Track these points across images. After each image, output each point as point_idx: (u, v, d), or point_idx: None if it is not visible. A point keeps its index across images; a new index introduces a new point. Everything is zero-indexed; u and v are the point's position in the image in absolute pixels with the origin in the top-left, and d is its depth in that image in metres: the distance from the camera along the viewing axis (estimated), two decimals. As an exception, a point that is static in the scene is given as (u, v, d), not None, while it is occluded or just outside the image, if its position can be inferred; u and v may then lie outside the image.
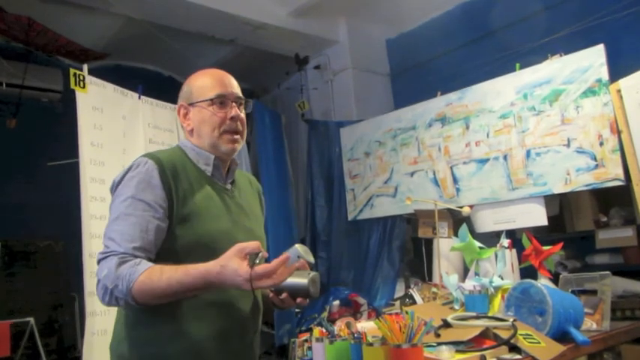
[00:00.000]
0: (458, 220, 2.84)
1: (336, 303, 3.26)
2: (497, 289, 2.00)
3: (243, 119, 1.44)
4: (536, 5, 3.45)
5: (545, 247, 2.27)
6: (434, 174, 3.23)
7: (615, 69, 2.50)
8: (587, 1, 3.20)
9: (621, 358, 2.39)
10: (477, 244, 2.44)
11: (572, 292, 2.03)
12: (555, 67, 2.69)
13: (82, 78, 2.58)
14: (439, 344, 1.48)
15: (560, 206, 3.07)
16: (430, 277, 3.07)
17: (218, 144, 1.41)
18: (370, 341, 1.36)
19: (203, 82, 1.43)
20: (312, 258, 1.23)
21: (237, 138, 1.43)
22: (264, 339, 1.56)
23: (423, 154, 3.30)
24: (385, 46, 4.59)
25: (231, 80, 1.46)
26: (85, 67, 2.64)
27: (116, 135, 2.75)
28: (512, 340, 1.52)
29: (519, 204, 2.81)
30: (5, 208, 3.81)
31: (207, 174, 1.42)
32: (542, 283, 1.92)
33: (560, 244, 2.27)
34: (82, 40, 4.04)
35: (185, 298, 1.23)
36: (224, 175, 1.46)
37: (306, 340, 1.71)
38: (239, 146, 1.45)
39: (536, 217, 2.75)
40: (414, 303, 2.65)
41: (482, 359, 1.45)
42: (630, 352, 2.38)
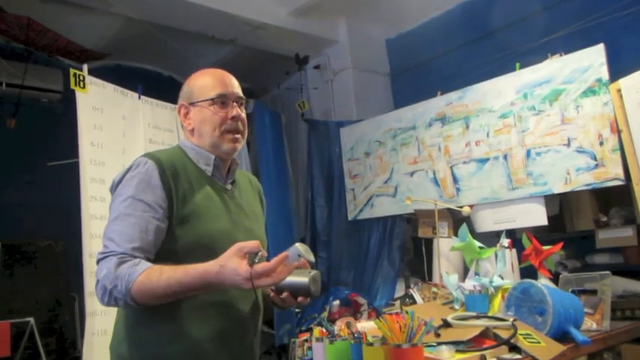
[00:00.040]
0: (458, 220, 2.84)
1: (336, 303, 3.26)
2: (497, 288, 2.01)
3: (244, 119, 1.44)
4: (536, 5, 3.45)
5: (545, 247, 2.27)
6: (434, 174, 3.23)
7: (615, 69, 2.50)
8: (587, 1, 3.19)
9: (621, 357, 2.39)
10: (477, 243, 2.44)
11: (572, 292, 2.03)
12: (555, 67, 2.69)
13: (82, 78, 2.58)
14: (439, 344, 1.48)
15: (560, 206, 3.07)
16: (430, 277, 3.07)
17: (219, 143, 1.40)
18: (370, 341, 1.36)
19: (204, 82, 1.43)
20: (312, 257, 1.23)
21: (238, 137, 1.43)
22: (264, 339, 1.57)
23: (423, 153, 3.30)
24: (385, 46, 4.59)
25: (232, 80, 1.46)
26: (85, 67, 2.64)
27: (116, 135, 2.75)
28: (512, 340, 1.52)
29: (519, 204, 2.81)
30: (5, 208, 3.81)
31: (208, 174, 1.41)
32: (542, 282, 1.92)
33: (560, 243, 2.27)
34: (82, 40, 4.04)
35: (185, 298, 1.23)
36: (224, 175, 1.46)
37: (306, 340, 1.71)
38: (240, 146, 1.45)
39: (536, 216, 2.75)
40: (414, 303, 2.65)
41: (483, 359, 1.45)
42: (630, 352, 2.38)
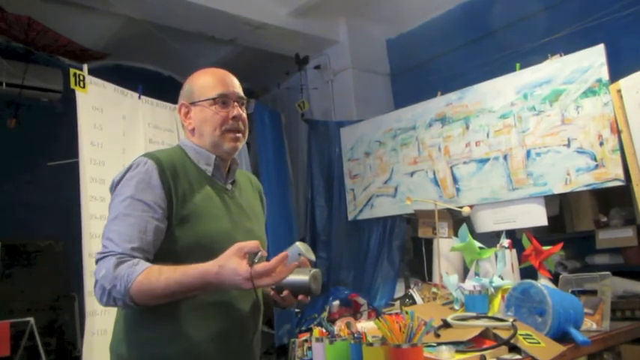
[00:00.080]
0: (458, 220, 2.84)
1: (336, 303, 3.26)
2: (497, 289, 2.01)
3: (244, 119, 1.44)
4: (536, 5, 3.45)
5: (545, 248, 2.27)
6: (434, 174, 3.23)
7: (615, 69, 2.50)
8: (587, 1, 3.20)
9: (621, 358, 2.38)
10: (477, 244, 2.44)
11: (572, 293, 2.03)
12: (555, 67, 2.69)
13: (82, 78, 2.58)
14: (439, 344, 1.48)
15: (560, 206, 3.07)
16: (430, 277, 3.07)
17: (220, 143, 1.40)
18: (370, 341, 1.36)
19: (205, 81, 1.43)
20: (313, 255, 1.23)
21: (239, 137, 1.43)
22: (264, 339, 1.56)
23: (423, 154, 3.30)
24: (385, 46, 4.59)
25: (233, 80, 1.45)
26: (85, 67, 2.64)
27: (116, 135, 2.75)
28: (512, 341, 1.52)
29: (519, 204, 2.81)
30: (5, 208, 3.81)
31: (208, 174, 1.41)
32: (542, 283, 1.92)
33: (560, 244, 2.27)
34: (82, 40, 4.05)
35: (184, 298, 1.23)
36: (224, 175, 1.46)
37: (306, 340, 1.70)
38: (241, 145, 1.45)
39: (536, 217, 2.75)
40: (413, 303, 2.65)
41: (482, 359, 1.45)
42: (630, 353, 2.38)
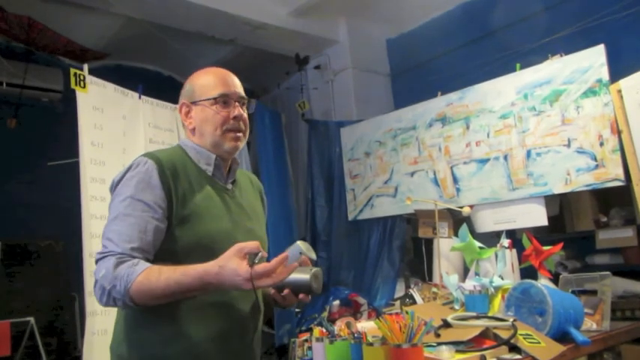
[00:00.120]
0: (458, 220, 2.84)
1: (336, 303, 3.26)
2: (497, 289, 2.01)
3: (245, 119, 1.44)
4: (537, 5, 3.45)
5: (546, 248, 2.27)
6: (434, 174, 3.23)
7: (615, 69, 2.50)
8: (587, 1, 3.20)
9: (621, 358, 2.39)
10: (477, 244, 2.44)
11: (573, 293, 2.03)
12: (556, 68, 2.69)
13: (82, 78, 2.58)
14: (439, 344, 1.48)
15: (561, 206, 3.07)
16: (430, 277, 3.07)
17: (220, 142, 1.40)
18: (370, 341, 1.36)
19: (206, 81, 1.43)
20: (314, 254, 1.23)
21: (240, 136, 1.42)
22: (264, 339, 1.56)
23: (423, 154, 3.30)
24: (385, 46, 4.59)
25: (235, 79, 1.45)
26: (86, 66, 2.64)
27: (116, 135, 2.75)
28: (512, 340, 1.52)
29: (519, 204, 2.81)
30: (5, 208, 3.81)
31: (208, 173, 1.41)
32: (543, 283, 1.92)
33: (561, 244, 2.27)
34: (82, 40, 4.05)
35: (184, 299, 1.23)
36: (225, 175, 1.45)
37: (306, 340, 1.70)
38: (241, 144, 1.45)
39: (537, 217, 2.75)
40: (414, 303, 2.65)
41: (483, 359, 1.45)
42: (630, 353, 2.38)
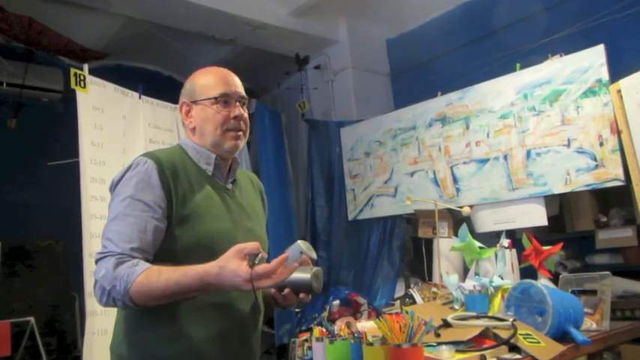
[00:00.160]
0: (458, 220, 2.84)
1: (336, 303, 3.26)
2: (497, 288, 2.01)
3: (246, 118, 1.44)
4: (537, 5, 3.45)
5: (545, 247, 2.27)
6: (434, 174, 3.23)
7: (615, 69, 2.50)
8: (587, 1, 3.20)
9: (621, 358, 2.39)
10: (477, 244, 2.44)
11: (572, 292, 2.03)
12: (555, 68, 2.69)
13: (82, 78, 2.58)
14: (439, 344, 1.48)
15: (560, 206, 3.07)
16: (430, 277, 3.07)
17: (221, 142, 1.40)
18: (370, 341, 1.36)
19: (207, 80, 1.43)
20: (314, 254, 1.23)
21: (240, 135, 1.42)
22: (264, 338, 1.56)
23: (423, 154, 3.30)
24: (385, 46, 4.59)
25: (235, 79, 1.45)
26: (86, 66, 2.64)
27: (116, 134, 2.75)
28: (512, 340, 1.52)
29: (519, 204, 2.81)
30: (5, 208, 3.81)
31: (208, 173, 1.41)
32: (542, 283, 1.92)
33: (560, 244, 2.27)
34: (82, 40, 4.05)
35: (184, 299, 1.23)
36: (225, 175, 1.45)
37: (306, 340, 1.70)
38: (242, 144, 1.45)
39: (536, 217, 2.75)
40: (414, 303, 2.65)
41: (483, 359, 1.45)
42: (630, 352, 2.38)
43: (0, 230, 3.67)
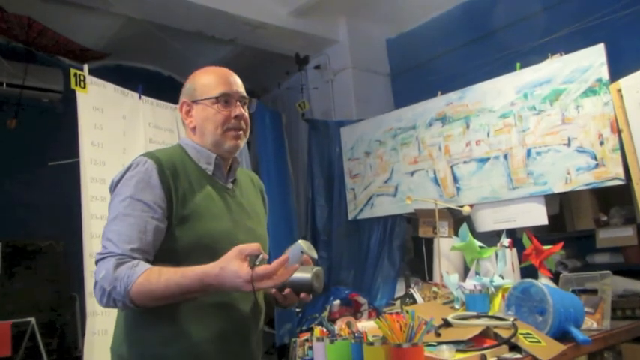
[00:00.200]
0: (458, 220, 2.84)
1: (337, 302, 3.26)
2: (497, 288, 2.01)
3: (247, 118, 1.44)
4: (536, 5, 3.45)
5: (546, 247, 2.27)
6: (434, 173, 3.23)
7: (615, 68, 2.50)
8: (587, 1, 3.19)
9: (621, 357, 2.39)
10: (478, 243, 2.44)
11: (573, 292, 2.03)
12: (555, 67, 2.69)
13: (82, 78, 2.58)
14: (440, 343, 1.48)
15: (561, 205, 3.07)
16: (431, 277, 3.07)
17: (221, 141, 1.40)
18: (371, 340, 1.36)
19: (207, 80, 1.42)
20: (315, 253, 1.23)
21: (241, 134, 1.42)
22: (264, 338, 1.56)
23: (423, 153, 3.30)
24: (385, 46, 4.59)
25: (236, 79, 1.45)
26: (86, 67, 2.64)
27: (116, 135, 2.75)
28: (513, 339, 1.52)
29: (519, 203, 2.81)
30: (5, 208, 3.82)
31: (209, 173, 1.41)
32: (543, 282, 1.92)
33: (561, 243, 2.27)
34: (82, 40, 4.05)
35: (184, 300, 1.23)
36: (225, 174, 1.45)
37: (307, 340, 1.71)
38: (242, 143, 1.44)
39: (537, 216, 2.75)
40: (414, 302, 2.65)
41: (483, 358, 1.45)
42: (630, 351, 2.38)
43: (0, 230, 3.68)
